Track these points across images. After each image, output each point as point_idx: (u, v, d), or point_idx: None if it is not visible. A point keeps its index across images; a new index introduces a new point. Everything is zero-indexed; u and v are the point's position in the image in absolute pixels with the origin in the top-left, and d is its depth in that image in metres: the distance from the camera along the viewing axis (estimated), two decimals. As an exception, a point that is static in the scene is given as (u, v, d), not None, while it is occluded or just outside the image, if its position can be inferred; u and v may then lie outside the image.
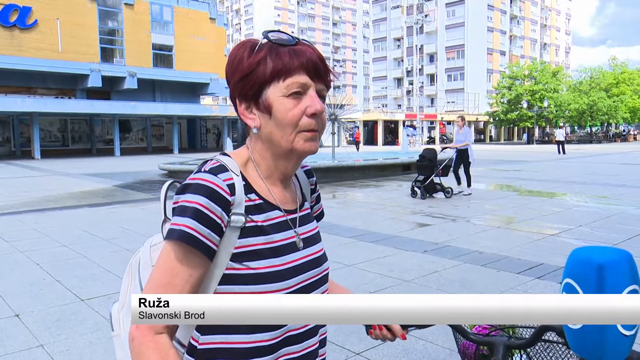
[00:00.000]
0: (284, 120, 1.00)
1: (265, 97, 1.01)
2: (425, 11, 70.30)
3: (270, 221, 1.04)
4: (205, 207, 0.95)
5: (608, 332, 0.63)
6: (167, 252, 0.96)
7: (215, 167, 1.01)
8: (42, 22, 33.31)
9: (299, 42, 1.03)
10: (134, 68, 37.31)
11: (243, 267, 0.98)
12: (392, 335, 1.21)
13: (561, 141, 30.63)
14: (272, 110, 1.00)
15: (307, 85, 1.01)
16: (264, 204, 1.04)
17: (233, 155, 1.07)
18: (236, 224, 0.98)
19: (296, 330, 1.03)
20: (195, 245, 0.94)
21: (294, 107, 1.00)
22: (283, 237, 1.05)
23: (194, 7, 41.54)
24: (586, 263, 0.65)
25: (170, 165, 17.75)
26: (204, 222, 0.94)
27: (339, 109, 20.04)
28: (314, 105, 1.00)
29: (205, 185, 0.97)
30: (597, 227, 7.53)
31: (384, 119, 54.24)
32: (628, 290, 0.63)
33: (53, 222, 8.56)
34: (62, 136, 38.03)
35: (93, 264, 5.78)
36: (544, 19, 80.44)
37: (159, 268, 0.96)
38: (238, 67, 1.02)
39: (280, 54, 0.99)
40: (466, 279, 5.06)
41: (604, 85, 59.13)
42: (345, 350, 3.42)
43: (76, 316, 4.14)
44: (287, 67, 0.99)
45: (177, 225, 0.94)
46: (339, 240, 6.90)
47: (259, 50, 1.01)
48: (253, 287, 0.98)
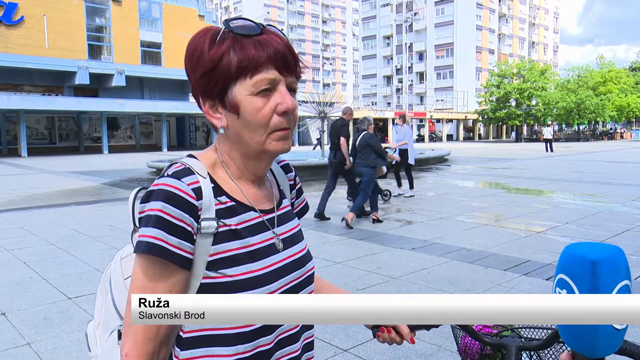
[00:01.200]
0: (254, 120, 0.93)
1: (231, 96, 0.93)
2: (414, 9, 70.40)
3: (244, 224, 0.97)
4: (170, 214, 0.88)
5: (601, 326, 0.65)
6: (140, 268, 0.90)
7: (179, 171, 0.94)
8: (28, 19, 32.98)
9: (264, 30, 0.94)
10: (122, 65, 37.05)
11: (219, 275, 0.92)
12: (400, 338, 1.14)
13: (549, 139, 30.84)
14: (240, 110, 0.93)
15: (277, 81, 0.93)
16: (237, 206, 0.97)
17: (200, 156, 1.00)
18: (208, 230, 0.92)
19: (269, 345, 0.97)
20: (166, 257, 0.88)
21: (263, 106, 0.92)
22: (260, 240, 0.98)
23: (183, 3, 41.33)
24: (580, 259, 0.66)
25: (158, 163, 17.64)
26: (170, 231, 0.88)
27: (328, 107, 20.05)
28: (285, 103, 0.93)
29: (167, 190, 0.89)
30: (583, 224, 7.61)
31: (373, 116, 54.17)
32: (620, 285, 0.65)
33: (40, 220, 8.49)
34: (49, 134, 37.68)
35: (80, 262, 5.75)
36: (532, 18, 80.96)
37: (136, 287, 0.90)
38: (199, 61, 0.93)
39: (245, 47, 0.91)
40: (454, 275, 5.10)
41: (592, 83, 59.68)
42: (333, 347, 3.44)
43: (63, 314, 4.12)
44: (254, 62, 0.90)
45: (144, 237, 0.88)
46: (328, 237, 6.91)
47: (220, 41, 0.92)
48: None
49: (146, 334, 0.90)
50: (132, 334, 0.90)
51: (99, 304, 1.10)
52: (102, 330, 1.06)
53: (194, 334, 0.94)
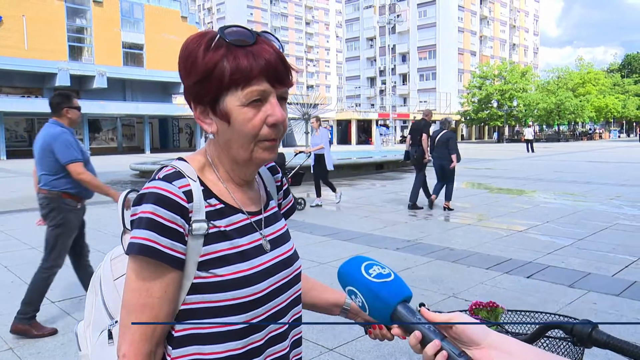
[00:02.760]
0: (243, 131, 0.94)
1: (222, 105, 0.94)
2: (397, 11, 70.87)
3: (233, 225, 0.99)
4: (161, 216, 0.90)
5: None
6: (134, 269, 0.92)
7: (169, 174, 0.96)
8: (7, 19, 32.44)
9: (259, 39, 0.95)
10: (103, 67, 36.62)
11: (210, 274, 0.94)
12: (392, 335, 1.15)
13: (530, 140, 31.26)
14: (230, 120, 0.94)
15: (267, 92, 0.94)
16: (226, 208, 1.00)
17: (189, 159, 1.02)
18: (199, 232, 0.94)
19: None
20: (159, 257, 0.90)
21: (253, 117, 0.94)
22: (248, 241, 1.01)
23: (165, 4, 41.00)
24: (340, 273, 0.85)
25: (141, 166, 17.50)
26: (162, 233, 0.90)
27: (312, 109, 20.11)
28: (275, 115, 0.95)
29: (158, 193, 0.91)
30: (563, 223, 7.75)
31: (357, 118, 54.53)
32: (347, 290, 0.83)
33: (20, 224, 8.37)
34: (29, 136, 37.01)
35: (63, 266, 5.68)
36: (513, 20, 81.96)
37: (131, 289, 0.92)
38: (192, 67, 0.94)
39: (238, 57, 0.92)
40: (437, 274, 5.16)
41: (571, 85, 60.59)
42: (319, 347, 3.47)
43: (47, 319, 4.07)
44: (246, 74, 0.92)
45: (136, 239, 0.90)
46: (313, 238, 6.94)
47: (215, 49, 0.93)
48: (221, 295, 0.94)
49: (143, 335, 0.91)
50: (128, 334, 0.91)
51: (89, 305, 1.11)
52: (92, 330, 1.07)
53: (185, 332, 0.96)
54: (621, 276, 5.00)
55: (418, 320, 0.76)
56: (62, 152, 3.73)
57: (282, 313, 1.04)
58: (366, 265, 0.83)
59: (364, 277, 0.81)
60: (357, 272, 0.82)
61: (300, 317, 1.12)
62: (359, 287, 0.81)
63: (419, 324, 0.75)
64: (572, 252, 5.97)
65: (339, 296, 1.28)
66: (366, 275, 0.81)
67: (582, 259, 5.65)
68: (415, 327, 0.76)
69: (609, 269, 5.24)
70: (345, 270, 0.85)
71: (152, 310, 0.91)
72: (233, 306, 0.95)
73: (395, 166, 19.18)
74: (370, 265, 0.83)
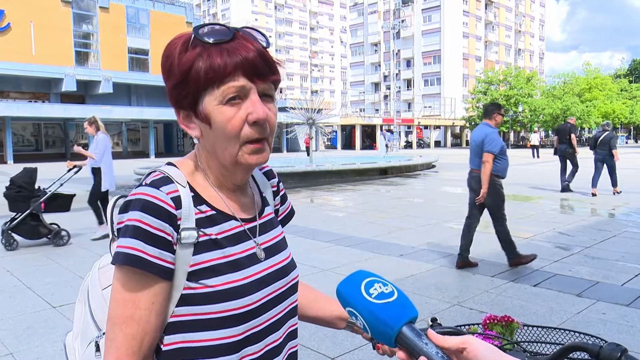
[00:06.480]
0: (224, 132, 0.90)
1: (202, 107, 0.90)
2: (402, 17, 70.95)
3: (225, 233, 0.95)
4: (148, 224, 0.85)
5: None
6: (120, 280, 0.87)
7: (157, 180, 0.91)
8: (15, 25, 32.74)
9: (236, 35, 0.91)
10: (109, 72, 36.84)
11: (200, 285, 0.90)
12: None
13: (536, 145, 31.16)
14: (211, 121, 0.90)
15: (246, 89, 0.89)
16: (217, 215, 0.95)
17: (179, 164, 0.98)
18: (188, 240, 0.89)
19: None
20: (145, 267, 0.85)
21: (233, 116, 0.89)
22: (241, 250, 0.96)
23: (171, 10, 41.29)
24: (338, 293, 0.80)
25: (146, 170, 17.48)
26: (149, 241, 0.85)
27: (316, 114, 20.11)
28: (256, 112, 0.89)
29: (145, 200, 0.87)
30: (570, 230, 7.66)
31: (361, 123, 54.56)
32: (347, 310, 0.79)
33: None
34: (36, 140, 37.33)
35: (65, 270, 5.67)
36: (518, 25, 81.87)
37: (117, 301, 0.87)
38: (170, 70, 0.91)
39: (212, 55, 0.88)
40: (442, 282, 5.10)
41: (577, 90, 60.36)
42: (320, 355, 3.41)
43: (47, 323, 4.05)
44: (220, 72, 0.87)
45: (122, 248, 0.85)
46: (316, 244, 6.89)
47: (191, 49, 0.89)
48: (212, 307, 0.89)
49: (129, 349, 0.87)
50: (113, 348, 0.87)
51: (78, 315, 1.07)
52: (81, 342, 1.03)
53: (175, 346, 0.91)
54: (631, 285, 4.92)
55: (425, 344, 0.72)
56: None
57: (277, 325, 1.00)
58: (367, 284, 0.78)
59: (363, 298, 0.76)
60: (356, 292, 0.77)
61: (296, 329, 1.07)
62: (358, 308, 0.76)
63: (425, 349, 0.71)
64: (580, 260, 5.89)
65: None
66: (366, 296, 0.76)
67: (590, 267, 5.57)
68: (421, 351, 0.71)
69: (618, 278, 5.15)
70: (344, 290, 0.79)
71: (138, 323, 0.87)
72: (225, 318, 0.90)
73: (399, 171, 19.13)
74: (371, 283, 0.78)
